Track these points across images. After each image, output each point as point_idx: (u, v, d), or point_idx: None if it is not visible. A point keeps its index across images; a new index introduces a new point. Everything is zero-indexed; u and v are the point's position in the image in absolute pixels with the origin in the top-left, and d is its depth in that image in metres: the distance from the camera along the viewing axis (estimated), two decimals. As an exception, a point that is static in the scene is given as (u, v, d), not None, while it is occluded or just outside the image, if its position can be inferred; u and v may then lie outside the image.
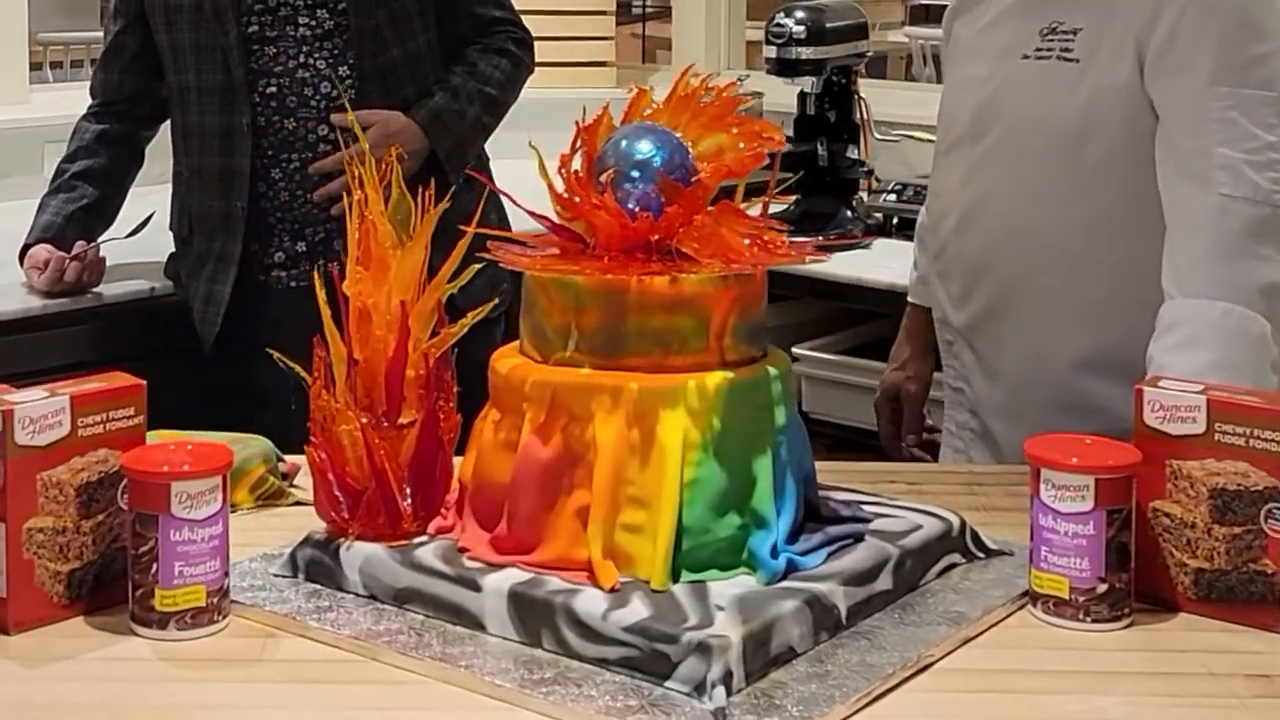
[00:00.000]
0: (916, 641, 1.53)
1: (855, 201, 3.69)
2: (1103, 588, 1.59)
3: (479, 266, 1.67)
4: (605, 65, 4.79)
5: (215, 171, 2.90)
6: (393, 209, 1.65)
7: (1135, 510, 1.61)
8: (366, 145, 1.68)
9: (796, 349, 3.40)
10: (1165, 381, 1.67)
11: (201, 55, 2.88)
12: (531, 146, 1.68)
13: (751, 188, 1.68)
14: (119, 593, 1.60)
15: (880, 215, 3.69)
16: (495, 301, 1.73)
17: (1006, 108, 2.19)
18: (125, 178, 3.07)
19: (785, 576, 1.55)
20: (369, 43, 2.87)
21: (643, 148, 1.61)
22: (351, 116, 1.96)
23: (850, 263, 3.39)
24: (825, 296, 3.42)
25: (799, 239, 2.07)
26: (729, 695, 1.40)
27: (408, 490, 1.64)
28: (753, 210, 1.65)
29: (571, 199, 1.60)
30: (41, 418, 1.55)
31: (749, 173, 1.64)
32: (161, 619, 1.54)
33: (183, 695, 1.47)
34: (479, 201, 1.74)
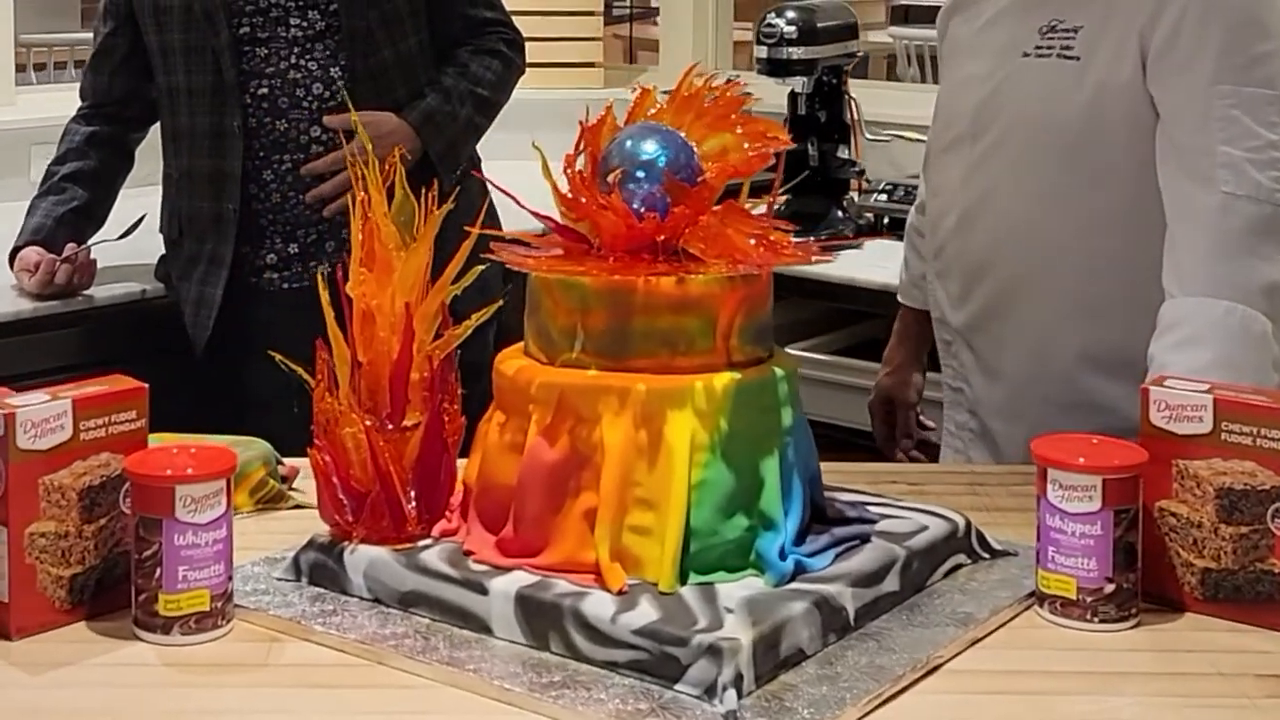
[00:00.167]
0: (925, 643, 1.53)
1: (846, 201, 3.69)
2: (1110, 588, 1.58)
3: (483, 268, 1.66)
4: (593, 66, 4.78)
5: (206, 173, 2.88)
6: (396, 210, 1.64)
7: (1142, 510, 1.60)
8: (369, 144, 1.66)
9: (789, 349, 3.39)
10: (1171, 381, 1.66)
11: (191, 57, 2.87)
12: (535, 148, 1.67)
13: (751, 187, 1.67)
14: (121, 597, 1.58)
15: (871, 215, 3.69)
16: (500, 303, 1.71)
17: (1007, 106, 2.18)
18: (115, 180, 3.06)
19: (793, 578, 1.54)
20: (360, 44, 2.86)
21: (648, 148, 1.60)
22: (354, 116, 1.95)
23: (842, 263, 3.38)
24: (816, 296, 3.42)
25: (800, 239, 2.05)
26: (740, 698, 1.39)
27: (412, 493, 1.63)
28: (754, 210, 1.65)
29: (577, 199, 1.59)
30: (43, 421, 1.54)
31: (755, 172, 1.63)
32: (165, 624, 1.53)
33: (189, 701, 1.46)
34: (480, 203, 1.73)
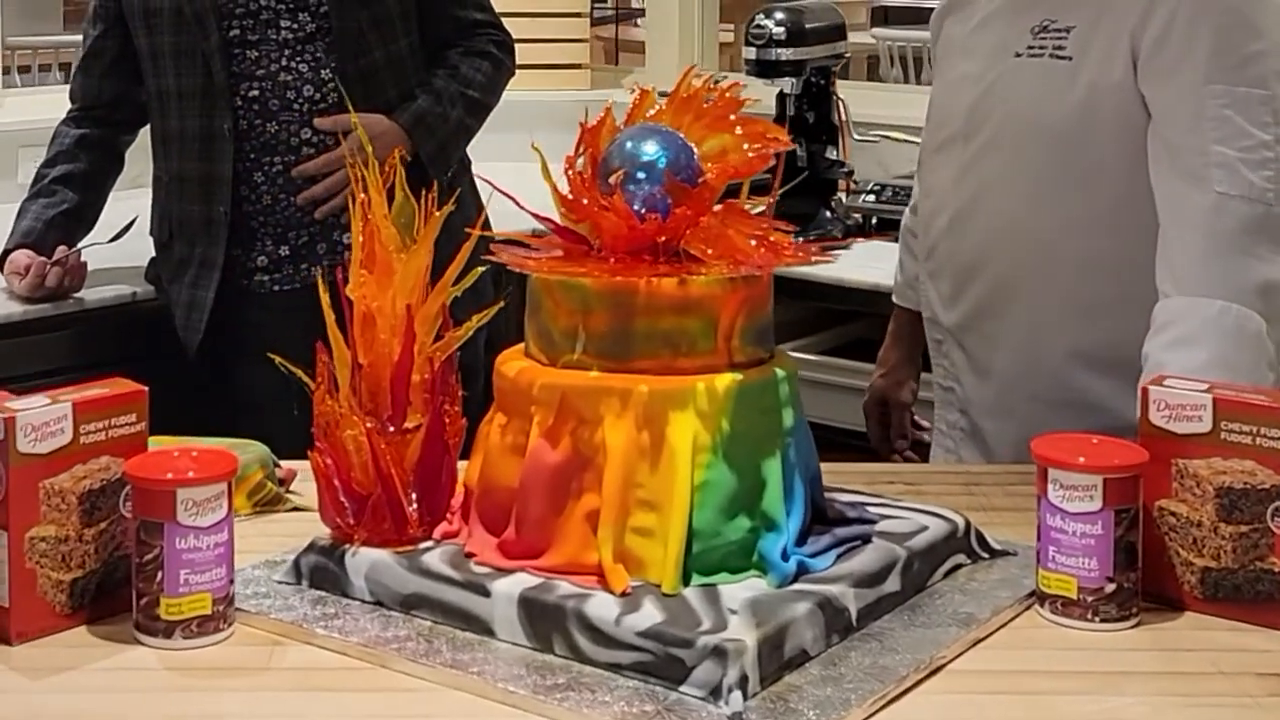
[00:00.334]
0: (927, 643, 1.53)
1: (834, 202, 3.69)
2: (1111, 587, 1.58)
3: (483, 269, 1.66)
4: (579, 68, 4.78)
5: (196, 176, 2.88)
6: (396, 212, 1.64)
7: (1141, 509, 1.60)
8: (369, 145, 1.66)
9: (778, 350, 3.39)
10: (1171, 380, 1.66)
11: (182, 59, 2.86)
12: (534, 149, 1.67)
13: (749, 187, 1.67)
14: (121, 601, 1.58)
15: (859, 216, 3.69)
16: (501, 304, 1.71)
17: (999, 106, 2.18)
18: (105, 182, 3.05)
19: (796, 579, 1.54)
20: (351, 46, 2.86)
21: (648, 149, 1.59)
22: (354, 118, 1.94)
23: (830, 263, 3.38)
24: (804, 297, 3.41)
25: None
26: (745, 699, 1.39)
27: (413, 495, 1.62)
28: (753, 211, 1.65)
29: (579, 200, 1.59)
30: (44, 425, 1.53)
31: (755, 173, 1.63)
32: (167, 628, 1.53)
33: (191, 705, 1.45)
34: (474, 204, 1.73)
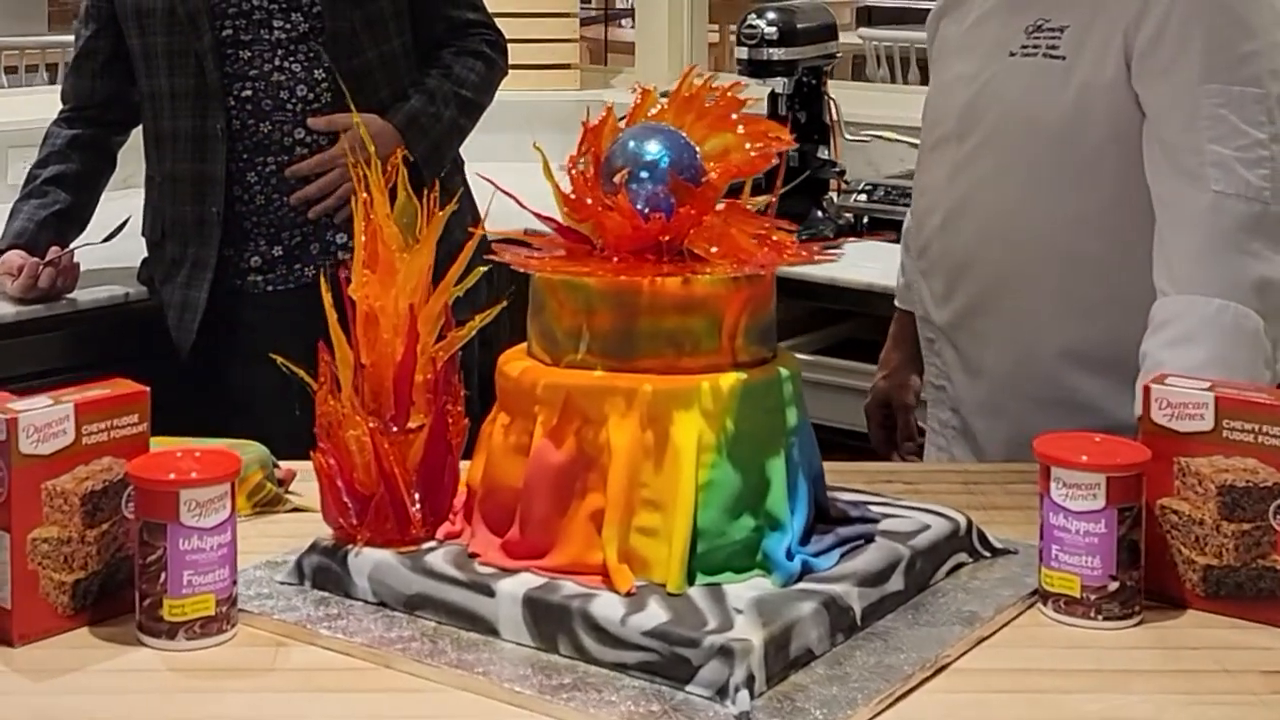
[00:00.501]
0: (932, 642, 1.53)
1: (826, 202, 3.69)
2: (1114, 586, 1.58)
3: (484, 269, 1.66)
4: (568, 68, 4.78)
5: (189, 177, 2.87)
6: (398, 212, 1.64)
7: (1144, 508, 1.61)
8: (370, 144, 1.66)
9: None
10: (1172, 379, 1.66)
11: (174, 60, 2.86)
12: (536, 149, 1.67)
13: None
14: (123, 603, 1.57)
15: (850, 215, 3.69)
16: (504, 303, 1.71)
17: (993, 105, 2.18)
18: (98, 183, 3.05)
19: (800, 578, 1.54)
20: (344, 46, 2.85)
21: (651, 148, 1.59)
22: (357, 118, 1.94)
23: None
24: (796, 296, 3.40)
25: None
26: (752, 699, 1.39)
27: (416, 495, 1.62)
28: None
29: (582, 200, 1.58)
30: (46, 426, 1.52)
31: (758, 172, 1.63)
32: (170, 629, 1.52)
33: (196, 707, 1.45)
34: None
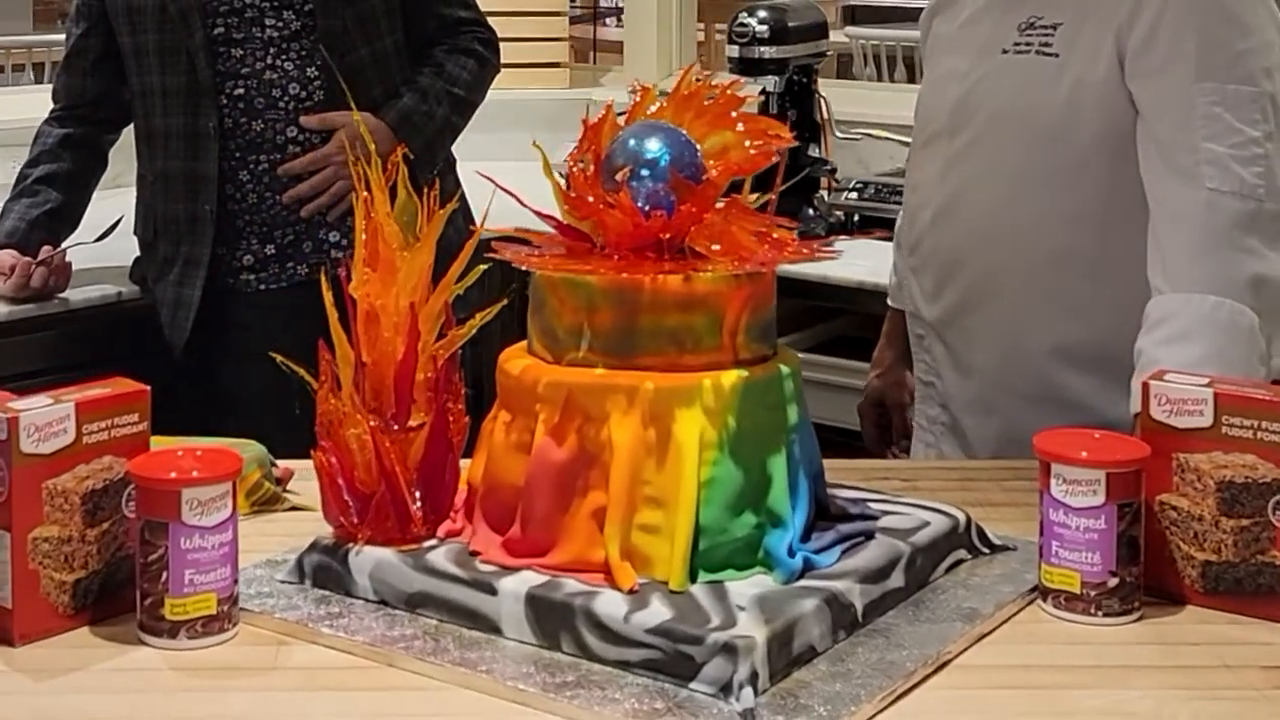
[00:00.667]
0: (933, 638, 1.53)
1: (817, 200, 3.69)
2: (1114, 582, 1.59)
3: (485, 267, 1.66)
4: (558, 66, 4.78)
5: (181, 175, 2.87)
6: (399, 210, 1.64)
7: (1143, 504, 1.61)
8: (371, 143, 1.66)
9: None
10: (1171, 375, 1.67)
11: (166, 58, 2.85)
12: (535, 146, 1.67)
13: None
14: (124, 602, 1.57)
15: (841, 213, 3.69)
16: (505, 301, 1.71)
17: (985, 102, 2.19)
18: (89, 181, 3.04)
19: (801, 575, 1.54)
20: (336, 43, 2.85)
21: (652, 146, 1.59)
22: (357, 116, 1.94)
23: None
24: (787, 293, 3.38)
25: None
26: (756, 695, 1.39)
27: (417, 494, 1.62)
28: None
29: (583, 198, 1.58)
30: (46, 425, 1.52)
31: (758, 170, 1.63)
32: (172, 628, 1.52)
33: (197, 706, 1.44)
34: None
